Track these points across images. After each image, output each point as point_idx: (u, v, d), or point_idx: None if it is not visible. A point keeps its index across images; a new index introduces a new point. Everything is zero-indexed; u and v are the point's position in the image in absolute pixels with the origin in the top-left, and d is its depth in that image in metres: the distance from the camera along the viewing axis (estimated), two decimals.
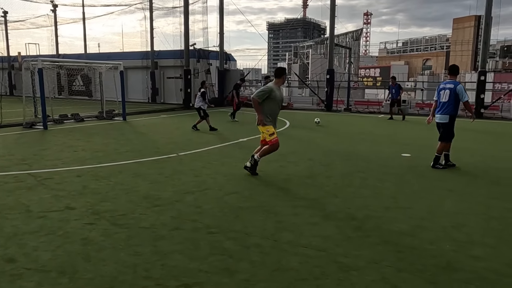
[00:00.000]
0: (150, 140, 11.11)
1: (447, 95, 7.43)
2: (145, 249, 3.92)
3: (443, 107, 7.50)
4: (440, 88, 7.65)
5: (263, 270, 3.52)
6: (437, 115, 7.64)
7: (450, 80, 7.61)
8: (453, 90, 7.37)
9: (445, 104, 7.46)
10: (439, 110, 7.59)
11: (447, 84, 7.55)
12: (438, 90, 7.70)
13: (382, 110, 20.73)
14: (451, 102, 7.39)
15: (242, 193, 5.92)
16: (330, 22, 20.91)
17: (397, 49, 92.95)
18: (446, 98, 7.44)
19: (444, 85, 7.61)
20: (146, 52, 26.78)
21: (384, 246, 4.05)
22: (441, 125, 7.58)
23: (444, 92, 7.49)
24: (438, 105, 7.62)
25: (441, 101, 7.54)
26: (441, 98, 7.53)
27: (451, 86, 7.43)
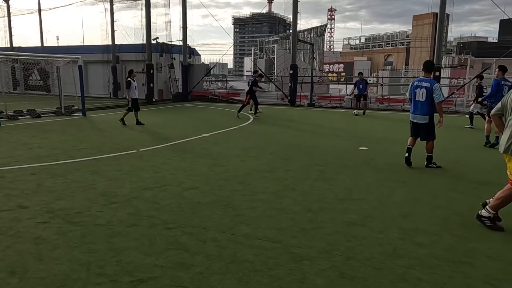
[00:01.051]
0: (110, 136, 10.90)
1: (423, 94, 6.95)
2: (100, 246, 3.90)
3: (420, 107, 7.05)
4: (415, 85, 7.11)
5: (219, 263, 3.59)
6: (415, 115, 7.18)
7: (426, 78, 7.10)
8: (429, 89, 6.92)
9: (422, 104, 7.02)
10: (415, 109, 7.14)
11: (423, 82, 7.03)
12: (412, 88, 7.18)
13: (343, 105, 21.24)
14: (429, 101, 6.95)
15: (201, 188, 5.96)
16: (293, 18, 21.14)
17: (360, 45, 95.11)
18: (423, 97, 6.98)
19: (419, 83, 7.07)
20: (107, 45, 26.07)
21: (335, 236, 4.22)
22: (421, 126, 7.17)
23: (420, 91, 6.99)
24: (414, 104, 7.16)
25: (417, 100, 7.06)
26: (417, 97, 7.04)
27: (428, 84, 6.95)
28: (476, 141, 10.36)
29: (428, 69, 7.17)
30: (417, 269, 3.49)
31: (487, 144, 9.66)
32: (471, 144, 10.16)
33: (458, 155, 8.76)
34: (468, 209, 5.12)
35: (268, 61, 45.43)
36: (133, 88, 12.85)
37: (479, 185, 6.29)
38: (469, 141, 10.54)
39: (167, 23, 25.95)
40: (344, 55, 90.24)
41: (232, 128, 12.54)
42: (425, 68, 7.20)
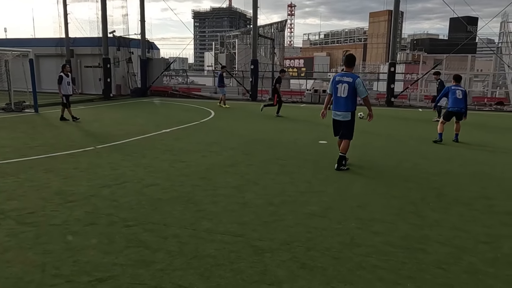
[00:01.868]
0: (65, 133, 10.48)
1: (345, 89, 6.58)
2: (55, 247, 3.76)
3: (343, 103, 6.66)
4: (336, 81, 6.69)
5: (180, 259, 3.57)
6: (336, 112, 6.78)
7: (347, 73, 6.77)
8: (352, 84, 6.55)
9: (345, 100, 6.62)
10: (337, 106, 6.73)
11: (344, 77, 6.66)
12: (333, 83, 6.75)
13: (304, 100, 21.56)
14: (351, 98, 6.61)
15: (162, 184, 5.87)
16: (253, 13, 21.17)
17: (320, 41, 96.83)
18: (344, 93, 6.60)
19: (340, 78, 6.68)
20: (61, 39, 24.96)
21: (296, 228, 4.31)
22: (343, 123, 6.79)
23: (342, 86, 6.62)
24: (336, 101, 6.74)
25: (339, 96, 6.65)
26: (339, 93, 6.64)
27: (349, 79, 6.59)
28: (430, 134, 10.86)
29: (349, 63, 6.91)
30: (373, 257, 3.63)
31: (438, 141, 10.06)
32: (426, 137, 10.62)
33: (412, 147, 9.15)
34: (421, 198, 5.38)
35: (229, 56, 45.27)
36: (65, 84, 12.37)
37: (431, 176, 6.59)
38: (424, 134, 11.02)
39: (124, 16, 25.23)
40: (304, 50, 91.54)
41: (193, 123, 12.41)
42: (346, 62, 6.96)
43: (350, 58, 7.02)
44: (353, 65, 6.99)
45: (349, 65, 6.92)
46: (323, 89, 22.64)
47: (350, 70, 6.89)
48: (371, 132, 10.94)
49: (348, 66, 6.92)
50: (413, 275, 3.33)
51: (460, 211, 4.91)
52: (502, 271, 3.43)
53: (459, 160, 7.80)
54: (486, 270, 3.43)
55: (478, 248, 3.87)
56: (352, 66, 6.96)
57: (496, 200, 5.36)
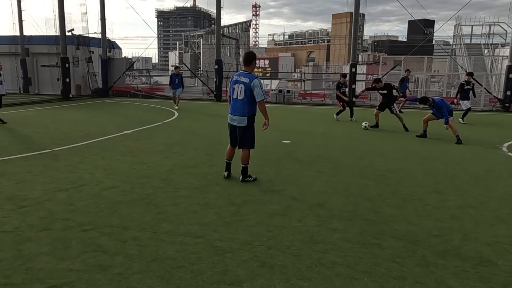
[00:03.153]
0: (19, 136, 10.04)
1: (241, 91, 5.73)
2: (6, 255, 3.60)
3: (239, 106, 5.82)
4: (233, 80, 5.89)
5: (139, 262, 3.51)
6: (231, 116, 5.95)
7: (245, 72, 5.85)
8: (248, 85, 5.69)
9: (241, 102, 5.79)
10: (233, 109, 5.91)
11: (241, 76, 5.79)
12: (231, 81, 5.98)
13: (269, 100, 21.69)
14: (248, 100, 5.76)
15: (122, 187, 5.75)
16: (217, 13, 21.08)
17: (284, 41, 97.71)
18: (241, 95, 5.75)
19: (237, 77, 5.83)
20: (15, 36, 23.87)
21: (257, 227, 4.34)
22: (238, 129, 5.97)
23: (239, 87, 5.76)
24: (232, 103, 5.93)
25: (235, 98, 5.83)
26: (235, 94, 5.80)
27: (246, 80, 5.71)
28: (387, 133, 11.21)
29: (247, 61, 5.88)
30: (332, 253, 3.71)
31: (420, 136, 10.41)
32: (382, 135, 10.97)
33: (370, 145, 9.42)
34: (377, 194, 5.56)
35: (193, 56, 44.87)
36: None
37: (388, 173, 6.82)
38: (379, 133, 11.37)
39: (83, 14, 24.46)
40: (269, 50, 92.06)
41: (155, 124, 12.20)
42: (244, 61, 5.95)
43: (248, 56, 5.95)
44: (251, 64, 5.87)
45: (247, 63, 5.87)
46: (287, 89, 22.91)
47: (249, 69, 5.88)
48: (330, 132, 11.19)
49: (246, 64, 5.90)
50: (369, 269, 3.44)
51: (415, 207, 5.12)
52: (452, 262, 3.61)
53: (415, 157, 8.12)
54: (437, 262, 3.60)
55: (430, 241, 4.04)
56: (250, 65, 5.87)
57: (447, 195, 5.62)
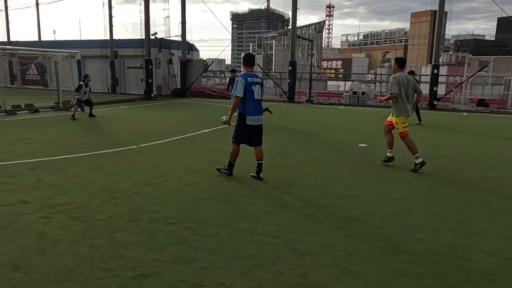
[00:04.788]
0: (109, 132, 10.90)
1: (259, 90, 6.11)
2: (102, 241, 3.92)
3: (259, 106, 6.19)
4: (249, 82, 6.02)
5: (221, 258, 3.62)
6: (255, 117, 6.14)
7: (253, 73, 6.24)
8: (262, 84, 6.23)
9: (260, 102, 6.20)
10: (256, 110, 6.13)
11: (255, 77, 6.12)
12: (247, 83, 6.00)
13: (342, 102, 21.28)
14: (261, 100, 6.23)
15: (201, 184, 5.98)
16: (292, 14, 21.12)
17: (358, 42, 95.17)
18: (260, 95, 6.13)
19: (253, 79, 6.07)
20: (105, 40, 25.98)
21: (336, 231, 4.26)
22: (259, 128, 6.29)
23: (255, 87, 6.05)
24: (254, 104, 6.09)
25: (256, 99, 6.09)
26: (256, 95, 6.06)
27: (259, 80, 6.18)
28: (471, 138, 10.42)
29: (252, 62, 6.30)
30: (417, 265, 3.53)
31: None
32: (467, 141, 10.21)
33: (453, 151, 8.81)
34: (465, 205, 5.18)
35: (266, 57, 45.38)
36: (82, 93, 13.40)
37: (476, 182, 6.33)
38: (463, 139, 10.59)
39: (165, 18, 25.87)
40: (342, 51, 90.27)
41: (232, 124, 12.51)
42: (249, 62, 6.26)
43: (252, 57, 6.41)
44: (253, 64, 6.31)
45: (252, 64, 6.29)
46: (362, 91, 22.29)
47: (252, 69, 6.29)
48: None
49: (251, 65, 6.26)
50: (459, 285, 3.22)
51: (509, 221, 4.69)
52: None
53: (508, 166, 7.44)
54: None
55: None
56: (253, 65, 6.30)
57: None
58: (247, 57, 6.32)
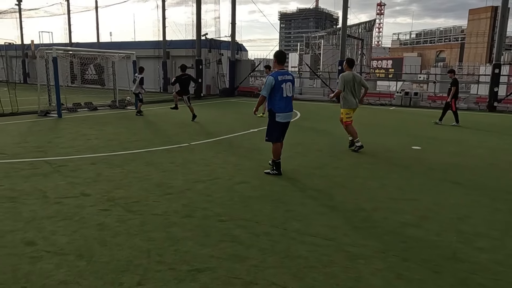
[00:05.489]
0: (161, 130, 11.27)
1: (290, 88, 6.31)
2: (158, 235, 4.07)
3: (290, 102, 6.38)
4: (280, 80, 6.19)
5: (273, 257, 3.64)
6: (286, 114, 6.36)
7: (284, 70, 6.47)
8: (293, 81, 6.41)
9: (290, 99, 6.36)
10: (287, 107, 6.33)
11: (285, 75, 6.32)
12: (277, 83, 6.18)
13: (393, 103, 20.62)
14: (292, 97, 6.44)
15: (251, 182, 6.03)
16: (343, 13, 20.75)
17: (411, 40, 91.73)
18: (290, 92, 6.32)
19: (283, 77, 6.24)
20: (158, 41, 26.88)
21: (390, 236, 4.14)
22: (287, 125, 6.52)
23: (286, 85, 6.24)
24: (284, 101, 6.26)
25: (285, 96, 6.25)
26: (285, 93, 6.23)
27: (290, 77, 6.38)
28: None
29: (284, 60, 6.63)
30: (479, 275, 3.35)
31: None
32: None
33: None
34: None
35: (314, 57, 44.98)
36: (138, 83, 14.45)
37: None
38: None
39: (216, 19, 26.37)
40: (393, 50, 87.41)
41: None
42: (281, 59, 6.51)
43: (284, 54, 6.65)
44: (285, 61, 6.66)
45: (284, 61, 6.62)
46: (414, 92, 21.47)
47: (283, 67, 6.56)
48: (465, 139, 10.12)
49: (283, 63, 6.54)
50: None
51: None
52: None
53: None
54: None
55: None
56: (284, 63, 6.64)
57: None
58: (280, 54, 6.47)
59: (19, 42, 35.65)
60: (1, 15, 37.37)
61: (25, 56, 35.39)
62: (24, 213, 4.61)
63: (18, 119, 12.71)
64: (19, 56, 34.84)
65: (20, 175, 6.18)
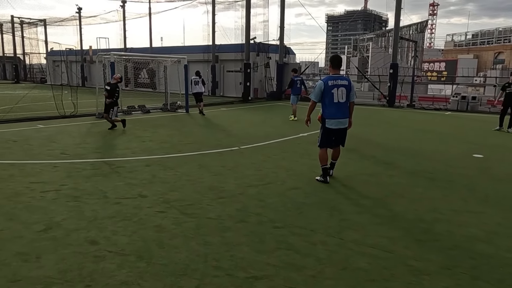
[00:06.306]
0: (211, 133, 11.43)
1: (343, 93, 6.07)
2: (213, 239, 4.07)
3: (342, 108, 6.14)
4: (330, 85, 6.04)
5: (330, 268, 3.53)
6: (335, 120, 6.17)
7: (338, 75, 6.24)
8: (348, 87, 6.10)
9: (343, 105, 6.13)
10: (337, 113, 6.13)
11: (338, 80, 6.10)
12: (326, 88, 6.06)
13: (449, 107, 19.67)
14: (347, 102, 6.16)
15: (304, 188, 5.93)
16: (396, 14, 20.07)
17: (466, 42, 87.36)
18: (343, 98, 6.08)
19: (334, 81, 6.06)
20: (207, 46, 27.40)
21: (456, 251, 3.89)
22: (342, 131, 6.29)
23: (338, 91, 6.04)
24: (334, 107, 6.10)
25: (337, 102, 6.07)
26: (336, 98, 6.06)
27: (345, 82, 6.10)
28: None
29: (339, 65, 6.33)
30: None
31: None
32: None
33: None
34: None
35: (361, 60, 44.06)
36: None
37: None
38: None
39: (264, 22, 26.48)
40: (446, 52, 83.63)
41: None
42: (336, 64, 6.28)
43: (338, 59, 6.38)
44: (340, 66, 6.36)
45: (339, 66, 6.34)
46: (472, 96, 20.35)
47: (339, 72, 6.33)
48: None
49: (338, 67, 6.31)
50: None
51: None
52: None
53: None
54: None
55: None
56: (339, 68, 6.35)
57: None
58: (334, 59, 6.33)
59: (78, 48, 37.78)
60: (63, 22, 39.84)
61: (84, 60, 37.38)
62: (86, 212, 4.81)
63: (78, 120, 13.39)
64: (78, 61, 36.85)
65: (81, 175, 6.47)
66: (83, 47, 38.09)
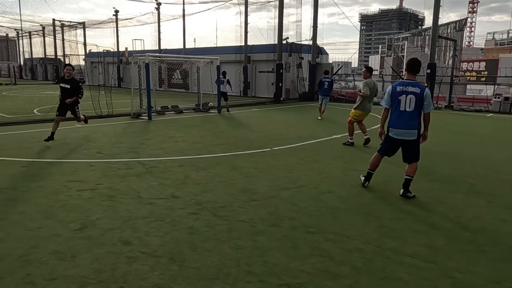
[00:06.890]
0: (243, 133, 11.40)
1: (412, 102, 5.42)
2: (246, 243, 4.00)
3: (407, 118, 5.47)
4: (397, 91, 5.51)
5: (368, 278, 3.38)
6: (398, 130, 5.57)
7: (412, 81, 5.51)
8: (420, 95, 5.39)
9: (410, 114, 5.46)
10: (400, 122, 5.52)
11: (409, 86, 5.44)
12: (393, 93, 5.56)
13: (491, 109, 18.80)
14: (418, 111, 5.46)
15: (338, 193, 5.77)
16: (434, 12, 19.38)
17: (508, 40, 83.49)
18: (411, 107, 5.44)
19: (403, 88, 5.47)
20: (240, 46, 27.49)
21: (504, 263, 3.64)
22: (408, 143, 5.61)
23: (406, 98, 5.44)
24: (398, 115, 5.53)
25: (403, 110, 5.47)
26: (402, 106, 5.47)
27: (416, 90, 5.40)
28: None
29: (414, 69, 5.56)
30: None
31: None
32: None
33: None
34: None
35: (396, 59, 42.87)
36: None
37: None
38: None
39: (296, 22, 26.30)
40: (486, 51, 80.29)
41: None
42: (411, 68, 5.57)
43: (415, 63, 5.57)
44: (417, 72, 5.57)
45: (415, 71, 5.56)
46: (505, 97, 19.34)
47: (414, 77, 5.56)
48: None
49: (413, 72, 5.57)
50: None
51: None
52: None
53: None
54: None
55: None
56: (416, 73, 5.57)
57: None
58: (411, 63, 5.60)
59: (115, 49, 38.91)
60: (101, 25, 41.13)
61: (120, 62, 38.42)
62: (120, 212, 4.85)
63: (113, 120, 13.72)
64: (114, 62, 37.91)
65: (117, 175, 6.57)
66: (119, 48, 39.17)
